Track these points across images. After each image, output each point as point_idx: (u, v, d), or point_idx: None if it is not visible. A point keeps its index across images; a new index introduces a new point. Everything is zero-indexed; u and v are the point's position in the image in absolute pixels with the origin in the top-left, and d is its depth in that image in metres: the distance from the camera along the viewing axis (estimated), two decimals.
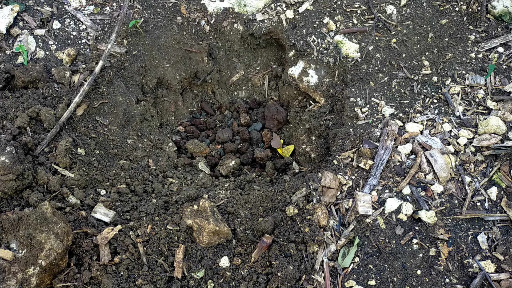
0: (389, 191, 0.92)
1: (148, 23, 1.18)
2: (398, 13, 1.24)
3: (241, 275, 0.83)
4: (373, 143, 0.99)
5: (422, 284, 0.83)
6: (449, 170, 0.94)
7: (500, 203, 0.92)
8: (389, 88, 1.12)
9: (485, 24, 1.22)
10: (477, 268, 0.85)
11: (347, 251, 0.86)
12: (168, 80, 1.22)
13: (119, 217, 0.86)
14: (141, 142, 1.00)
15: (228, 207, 0.89)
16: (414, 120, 1.04)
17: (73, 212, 0.82)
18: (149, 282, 0.76)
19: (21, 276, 0.67)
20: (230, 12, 1.29)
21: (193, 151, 1.13)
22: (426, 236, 0.88)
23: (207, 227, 0.82)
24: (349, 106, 1.10)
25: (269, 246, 0.85)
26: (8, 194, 0.78)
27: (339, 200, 0.92)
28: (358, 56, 1.17)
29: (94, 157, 0.91)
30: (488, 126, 1.00)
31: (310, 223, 0.86)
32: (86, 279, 0.73)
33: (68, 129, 0.92)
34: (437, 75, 1.13)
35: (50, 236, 0.70)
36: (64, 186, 0.84)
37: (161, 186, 0.94)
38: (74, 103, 0.94)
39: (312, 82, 1.22)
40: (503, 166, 0.96)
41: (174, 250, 0.81)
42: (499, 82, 1.10)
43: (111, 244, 0.78)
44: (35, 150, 0.86)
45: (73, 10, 1.10)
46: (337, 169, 0.96)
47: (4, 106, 0.87)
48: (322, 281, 0.82)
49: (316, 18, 1.25)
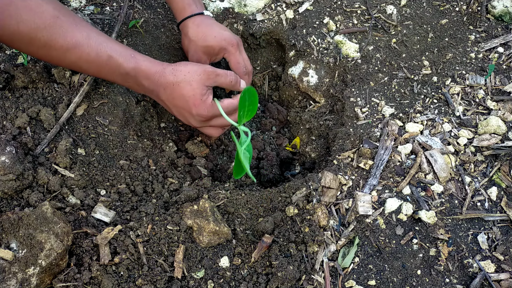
0: (389, 191, 0.92)
1: (148, 23, 1.18)
2: (398, 13, 1.24)
3: (241, 275, 0.83)
4: (373, 143, 0.99)
5: (422, 284, 0.83)
6: (449, 170, 0.94)
7: (500, 203, 0.92)
8: (389, 88, 1.12)
9: (485, 24, 1.22)
10: (477, 268, 0.85)
11: (347, 251, 0.86)
12: None
13: (119, 217, 0.86)
14: (141, 142, 1.00)
15: (228, 207, 0.89)
16: (414, 120, 1.04)
17: (73, 212, 0.82)
18: (149, 282, 0.76)
19: (21, 276, 0.67)
20: (230, 12, 1.29)
21: (193, 151, 1.13)
22: (426, 236, 0.88)
23: (207, 227, 0.82)
24: (349, 106, 1.10)
25: (269, 246, 0.85)
26: (8, 194, 0.78)
27: (339, 200, 0.92)
28: (358, 56, 1.17)
29: (94, 157, 0.91)
30: (488, 126, 1.00)
31: (310, 223, 0.86)
32: (86, 279, 0.73)
33: (68, 129, 0.92)
34: (437, 75, 1.13)
35: (50, 236, 0.70)
36: (64, 186, 0.84)
37: (161, 186, 0.94)
38: (74, 103, 0.94)
39: (312, 82, 1.22)
40: (503, 166, 0.96)
41: (174, 250, 0.81)
42: (499, 82, 1.10)
43: (111, 244, 0.78)
44: (35, 150, 0.86)
45: (73, 10, 1.10)
46: (337, 169, 0.96)
47: (4, 106, 0.87)
48: (322, 281, 0.82)
49: (316, 18, 1.25)
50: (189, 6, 1.08)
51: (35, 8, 0.77)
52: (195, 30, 1.07)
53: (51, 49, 0.79)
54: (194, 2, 1.10)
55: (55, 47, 0.79)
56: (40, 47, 0.78)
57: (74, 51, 0.81)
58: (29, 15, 0.76)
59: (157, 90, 0.91)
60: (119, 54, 0.87)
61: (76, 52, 0.81)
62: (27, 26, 0.75)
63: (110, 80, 0.93)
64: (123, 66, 0.86)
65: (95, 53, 0.83)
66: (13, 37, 0.75)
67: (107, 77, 0.89)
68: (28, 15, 0.75)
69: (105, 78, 0.90)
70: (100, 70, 0.85)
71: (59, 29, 0.79)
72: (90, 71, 0.86)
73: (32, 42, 0.77)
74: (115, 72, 0.86)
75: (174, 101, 0.92)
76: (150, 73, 0.89)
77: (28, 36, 0.76)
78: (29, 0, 0.76)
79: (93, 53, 0.83)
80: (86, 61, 0.82)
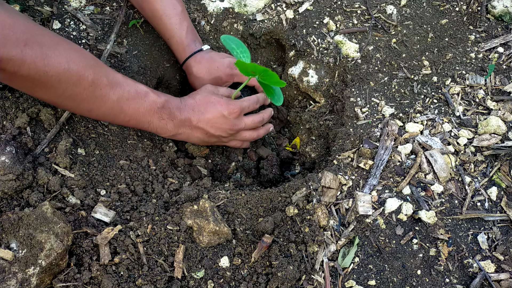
0: (389, 191, 0.92)
1: (148, 23, 1.18)
2: (398, 13, 1.24)
3: (241, 275, 0.83)
4: (373, 143, 0.99)
5: (422, 284, 0.83)
6: (449, 170, 0.94)
7: (500, 203, 0.92)
8: (389, 88, 1.12)
9: (485, 24, 1.22)
10: (477, 268, 0.85)
11: (347, 251, 0.86)
12: (168, 80, 1.22)
13: (119, 217, 0.86)
14: (141, 142, 1.00)
15: (228, 207, 0.89)
16: (414, 120, 1.04)
17: (73, 212, 0.82)
18: (149, 282, 0.76)
19: (21, 276, 0.67)
20: (230, 12, 1.29)
21: (193, 151, 1.13)
22: (426, 236, 0.88)
23: (207, 227, 0.82)
24: (349, 106, 1.10)
25: (269, 246, 0.85)
26: (8, 194, 0.78)
27: (339, 200, 0.92)
28: (358, 56, 1.17)
29: (94, 157, 0.91)
30: (488, 126, 1.00)
31: (310, 223, 0.86)
32: (86, 279, 0.73)
33: (68, 129, 0.92)
34: (437, 75, 1.13)
35: (50, 236, 0.70)
36: (64, 186, 0.84)
37: (161, 186, 0.94)
38: None
39: (312, 82, 1.22)
40: (503, 166, 0.96)
41: (174, 250, 0.81)
42: (499, 82, 1.10)
43: (111, 244, 0.78)
44: (35, 150, 0.86)
45: (73, 10, 1.10)
46: (337, 169, 0.96)
47: (4, 106, 0.87)
48: (322, 281, 0.82)
49: (316, 18, 1.25)
50: (188, 46, 1.12)
51: (80, 50, 0.80)
52: (198, 67, 1.11)
53: (96, 88, 0.80)
54: (193, 41, 1.13)
55: (101, 86, 0.81)
56: (86, 87, 0.79)
57: (117, 89, 0.83)
58: (77, 55, 0.78)
59: (189, 116, 0.94)
60: (151, 90, 0.90)
61: (119, 90, 0.83)
62: (77, 64, 0.76)
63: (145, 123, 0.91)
64: (158, 100, 0.89)
65: (134, 90, 0.86)
66: (62, 76, 0.75)
67: (145, 116, 0.89)
68: (76, 55, 0.77)
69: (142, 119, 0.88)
70: (139, 108, 0.87)
71: (102, 69, 0.82)
72: (129, 111, 0.86)
73: (80, 80, 0.78)
74: (153, 107, 0.88)
75: (206, 116, 0.95)
76: (177, 101, 0.95)
77: (77, 74, 0.76)
78: (72, 43, 0.80)
79: (132, 90, 0.86)
80: (127, 98, 0.84)
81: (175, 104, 0.93)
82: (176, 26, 1.10)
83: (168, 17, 1.09)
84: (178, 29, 1.10)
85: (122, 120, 0.88)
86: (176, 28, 1.10)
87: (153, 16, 1.10)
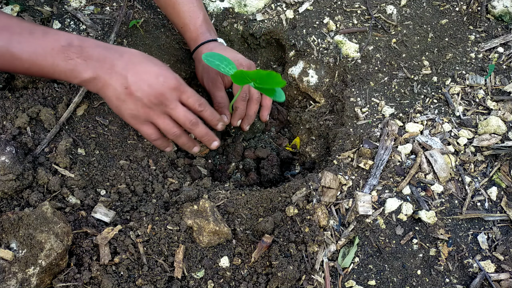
0: (389, 191, 0.92)
1: (148, 23, 1.18)
2: (398, 13, 1.24)
3: (241, 275, 0.83)
4: (373, 143, 0.99)
5: (422, 284, 0.83)
6: (449, 170, 0.94)
7: (500, 203, 0.92)
8: (389, 88, 1.12)
9: (485, 24, 1.22)
10: (477, 268, 0.85)
11: (347, 251, 0.86)
12: None
13: (119, 217, 0.86)
14: (141, 142, 1.00)
15: (228, 207, 0.89)
16: (414, 120, 1.04)
17: (73, 212, 0.82)
18: (149, 282, 0.76)
19: (21, 276, 0.67)
20: (230, 12, 1.29)
21: None
22: (426, 236, 0.88)
23: (207, 227, 0.82)
24: (349, 106, 1.10)
25: (269, 246, 0.85)
26: (8, 194, 0.79)
27: (339, 200, 0.92)
28: (358, 56, 1.17)
29: (94, 157, 0.91)
30: (488, 126, 1.00)
31: (310, 223, 0.86)
32: (86, 279, 0.73)
33: (68, 129, 0.92)
34: (437, 75, 1.13)
35: (50, 236, 0.70)
36: (64, 186, 0.84)
37: (161, 186, 0.94)
38: (74, 103, 0.94)
39: (312, 82, 1.22)
40: (503, 166, 0.96)
41: (174, 250, 0.81)
42: (499, 82, 1.10)
43: (111, 244, 0.78)
44: (35, 150, 0.86)
45: (73, 10, 1.10)
46: (337, 169, 0.96)
47: (4, 106, 0.87)
48: (322, 281, 0.82)
49: (316, 18, 1.25)
50: (202, 34, 1.08)
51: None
52: None
53: None
54: (208, 31, 1.09)
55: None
56: None
57: (4, 34, 0.71)
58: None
59: (111, 58, 0.78)
60: (57, 30, 0.77)
61: (6, 34, 0.71)
62: None
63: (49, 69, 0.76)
64: (62, 38, 0.75)
65: (28, 31, 0.73)
66: None
67: (47, 59, 0.74)
68: None
69: (44, 63, 0.75)
70: (36, 49, 0.73)
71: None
72: (24, 56, 0.73)
73: None
74: (55, 46, 0.73)
75: (137, 67, 0.79)
76: (101, 43, 0.79)
77: None
78: None
79: (25, 32, 0.72)
80: (18, 42, 0.72)
81: (93, 42, 0.78)
82: (191, 14, 1.06)
83: (182, 5, 1.06)
84: (193, 17, 1.06)
85: (21, 68, 0.75)
86: (190, 16, 1.06)
87: (166, 3, 1.07)
